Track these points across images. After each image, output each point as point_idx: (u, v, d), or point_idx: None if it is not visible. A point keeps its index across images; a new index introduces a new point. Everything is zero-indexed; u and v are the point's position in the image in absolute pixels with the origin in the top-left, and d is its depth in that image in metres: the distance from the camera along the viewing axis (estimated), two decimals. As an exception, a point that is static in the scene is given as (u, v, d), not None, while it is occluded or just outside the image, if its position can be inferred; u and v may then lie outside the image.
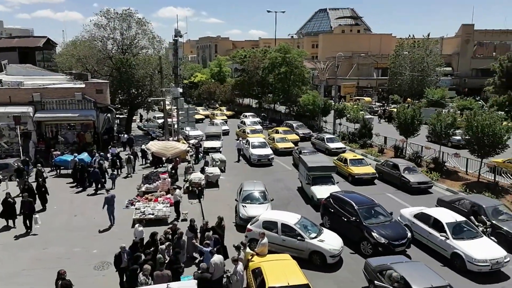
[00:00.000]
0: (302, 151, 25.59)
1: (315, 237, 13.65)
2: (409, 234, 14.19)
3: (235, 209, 17.68)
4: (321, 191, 18.50)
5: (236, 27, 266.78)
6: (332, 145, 29.93)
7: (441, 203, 17.42)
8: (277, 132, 34.68)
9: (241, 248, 12.00)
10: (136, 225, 13.94)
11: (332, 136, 32.04)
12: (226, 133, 37.47)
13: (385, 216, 15.09)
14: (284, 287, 10.13)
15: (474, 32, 72.08)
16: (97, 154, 23.85)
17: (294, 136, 33.96)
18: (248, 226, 14.40)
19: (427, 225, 14.43)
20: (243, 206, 16.67)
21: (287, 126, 37.53)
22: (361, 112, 36.02)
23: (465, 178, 22.74)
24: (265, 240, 12.56)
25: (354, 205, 15.16)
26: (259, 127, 38.59)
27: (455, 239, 13.36)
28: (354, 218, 14.76)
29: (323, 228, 14.76)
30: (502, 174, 21.52)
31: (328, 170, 20.09)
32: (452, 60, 71.99)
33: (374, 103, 59.96)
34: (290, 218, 14.40)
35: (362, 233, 14.25)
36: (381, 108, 52.25)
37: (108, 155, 25.24)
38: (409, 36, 67.02)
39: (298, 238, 13.51)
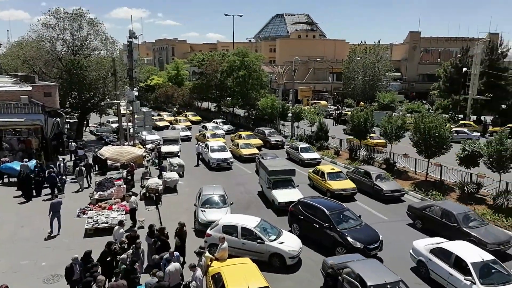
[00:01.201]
0: (264, 157, 25.12)
1: (275, 240, 13.75)
2: (381, 237, 14.25)
3: (194, 214, 17.44)
4: (282, 195, 18.60)
5: (193, 30, 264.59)
6: (306, 156, 28.09)
7: (411, 209, 17.44)
8: (240, 137, 33.85)
9: (202, 253, 11.87)
10: (116, 227, 13.85)
11: (306, 145, 30.10)
12: (188, 138, 36.61)
13: (355, 220, 15.19)
14: (244, 291, 10.11)
15: (421, 39, 76.57)
16: (38, 165, 22.01)
17: (257, 141, 33.06)
18: (208, 231, 14.23)
19: (447, 264, 12.07)
20: (202, 210, 16.46)
21: (258, 132, 35.91)
22: (317, 116, 36.91)
23: (414, 178, 24.02)
24: (225, 244, 12.50)
25: (326, 210, 15.03)
26: (220, 131, 38.20)
27: (483, 284, 10.97)
28: (327, 224, 14.62)
29: (282, 230, 14.85)
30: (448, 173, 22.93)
31: (288, 174, 20.06)
32: (401, 65, 75.95)
33: (329, 106, 61.79)
34: (250, 221, 14.40)
35: (336, 238, 14.19)
36: (336, 111, 53.97)
37: (60, 163, 23.39)
38: (361, 42, 70.05)
39: (258, 241, 13.55)
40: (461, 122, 43.19)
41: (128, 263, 11.02)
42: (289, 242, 13.82)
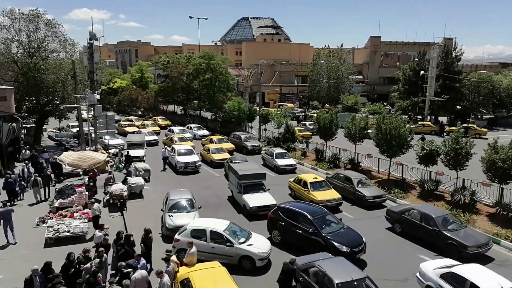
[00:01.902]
0: (233, 160, 24.67)
1: (244, 242, 13.69)
2: (364, 239, 14.16)
3: (161, 219, 17.07)
4: (254, 200, 18.31)
5: (157, 32, 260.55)
6: (280, 162, 26.67)
7: (390, 213, 17.29)
8: (211, 141, 32.59)
9: (169, 259, 11.62)
10: (96, 231, 13.86)
11: (282, 151, 28.58)
12: (155, 143, 35.46)
13: (337, 223, 14.96)
14: (213, 295, 10.00)
15: (381, 43, 79.55)
16: None
17: (229, 145, 31.88)
18: (176, 236, 13.93)
19: None
20: (169, 215, 16.11)
21: (234, 137, 34.37)
22: (284, 118, 37.27)
23: (377, 177, 24.82)
24: (194, 249, 12.30)
25: (308, 216, 14.64)
26: (188, 134, 37.68)
27: None
28: (311, 229, 14.26)
29: (252, 232, 14.81)
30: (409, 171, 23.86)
31: (259, 178, 19.72)
32: (363, 69, 78.50)
33: (296, 108, 62.71)
34: (219, 224, 14.25)
35: (322, 243, 13.84)
36: (302, 113, 54.85)
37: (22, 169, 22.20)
38: (325, 46, 71.62)
39: (227, 244, 13.44)
40: (420, 122, 45.18)
41: (91, 273, 10.60)
42: (258, 244, 13.80)
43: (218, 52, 70.34)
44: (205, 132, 39.85)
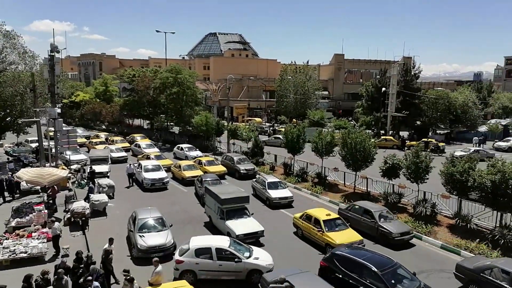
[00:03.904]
0: (204, 179, 22.93)
1: (250, 256, 13.63)
2: None
3: (126, 240, 16.43)
4: (239, 226, 16.71)
5: (123, 45, 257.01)
6: (274, 194, 22.36)
7: (462, 270, 13.71)
8: (200, 163, 29.54)
9: (134, 280, 11.22)
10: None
11: (275, 179, 24.27)
12: (123, 160, 33.63)
13: (411, 279, 12.06)
14: (181, 316, 9.70)
15: (345, 61, 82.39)
16: None
17: (220, 168, 28.83)
18: (179, 257, 13.35)
19: None
20: (140, 236, 15.30)
21: (226, 159, 30.97)
22: (253, 132, 37.43)
23: (344, 190, 25.35)
24: (159, 268, 11.95)
25: (376, 270, 11.83)
26: (154, 149, 36.70)
27: None
28: None
29: (251, 246, 14.65)
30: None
31: (242, 202, 18.06)
32: (328, 85, 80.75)
33: (264, 123, 63.26)
34: (222, 241, 14.07)
35: None
36: (270, 128, 55.38)
37: None
38: (292, 62, 73.23)
39: (236, 260, 13.24)
40: (382, 137, 46.84)
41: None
42: (263, 257, 13.90)
43: (185, 66, 70.10)
44: (198, 153, 35.12)
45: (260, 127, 54.53)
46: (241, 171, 28.73)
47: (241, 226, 16.78)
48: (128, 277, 11.26)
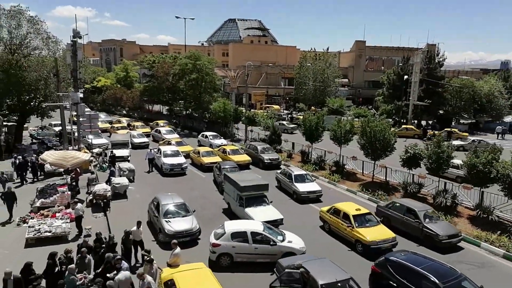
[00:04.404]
0: (222, 167, 22.92)
1: (283, 240, 13.99)
2: None
3: (148, 225, 16.63)
4: (258, 214, 16.64)
5: (143, 31, 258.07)
6: (302, 187, 21.19)
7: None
8: (224, 151, 28.78)
9: (153, 261, 11.53)
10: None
11: (302, 172, 23.31)
12: (145, 145, 33.41)
13: None
14: (198, 297, 9.94)
15: (366, 48, 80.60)
16: None
17: (244, 157, 28.04)
18: (215, 241, 13.72)
19: None
20: (166, 221, 15.46)
21: (250, 147, 30.06)
22: (271, 119, 37.34)
23: (361, 179, 25.12)
24: (178, 250, 12.25)
25: (437, 281, 10.56)
26: (175, 135, 36.92)
27: None
28: None
29: (282, 230, 14.91)
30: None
31: (261, 189, 18.02)
32: (348, 72, 79.36)
33: (282, 110, 62.96)
34: (256, 225, 14.39)
35: None
36: (288, 115, 55.09)
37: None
38: (311, 49, 72.18)
39: (271, 243, 13.63)
40: (403, 126, 45.96)
41: (76, 273, 10.43)
42: (296, 241, 14.24)
43: (204, 53, 70.08)
44: (223, 141, 34.43)
45: (278, 114, 54.33)
46: (265, 161, 27.89)
47: (260, 213, 16.73)
48: (148, 258, 11.57)
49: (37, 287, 9.65)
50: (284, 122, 35.96)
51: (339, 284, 10.86)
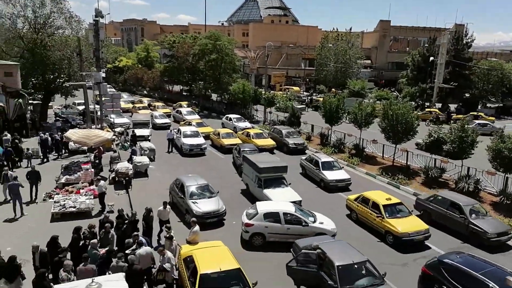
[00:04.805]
0: (242, 149, 22.74)
1: (315, 221, 14.21)
2: None
3: (171, 206, 16.43)
4: (276, 195, 16.68)
5: (163, 11, 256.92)
6: (330, 175, 20.19)
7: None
8: (248, 135, 28.08)
9: (173, 238, 11.86)
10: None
11: (329, 158, 22.17)
12: (166, 126, 32.85)
13: None
14: (216, 273, 10.19)
15: (391, 28, 78.01)
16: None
17: (268, 141, 27.17)
18: (248, 221, 14.04)
19: None
20: (193, 202, 15.55)
21: (274, 131, 29.31)
22: (290, 101, 37.03)
23: (381, 163, 24.80)
24: (196, 228, 12.53)
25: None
26: (195, 116, 37.08)
27: None
28: None
29: (313, 212, 15.05)
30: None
31: (280, 171, 18.07)
32: (371, 53, 77.28)
33: (302, 92, 62.25)
34: (288, 206, 14.61)
35: None
36: (308, 97, 54.47)
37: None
38: (333, 29, 70.43)
39: (303, 224, 13.90)
40: (427, 109, 44.76)
41: (98, 247, 10.83)
42: (327, 222, 14.48)
43: (224, 33, 69.55)
44: (247, 124, 33.53)
45: (297, 96, 53.78)
46: (290, 145, 26.99)
47: (279, 195, 16.73)
48: (168, 235, 11.89)
49: (63, 259, 10.08)
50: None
51: (355, 266, 10.92)
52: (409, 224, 14.52)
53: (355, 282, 10.52)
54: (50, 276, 10.50)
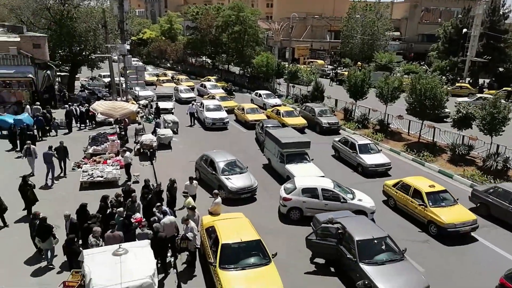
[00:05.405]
0: (265, 125, 22.41)
1: (353, 198, 14.18)
2: None
3: (200, 182, 16.35)
4: (299, 170, 16.54)
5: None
6: (369, 160, 18.66)
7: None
8: (277, 113, 26.69)
9: (196, 208, 12.17)
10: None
11: (366, 140, 20.64)
12: (191, 101, 30.83)
13: None
14: (236, 243, 10.46)
15: (422, -3, 74.20)
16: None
17: (299, 120, 25.77)
18: (286, 195, 14.19)
19: None
20: (227, 178, 15.53)
21: (306, 109, 27.71)
22: (314, 75, 36.26)
23: (407, 139, 24.26)
24: (219, 199, 12.83)
25: None
26: (219, 90, 36.68)
27: None
28: None
29: (352, 189, 14.97)
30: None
31: (302, 146, 17.93)
32: (401, 24, 74.06)
33: (326, 66, 60.87)
34: (327, 182, 14.62)
35: None
36: (333, 71, 53.25)
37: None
38: (362, -1, 67.58)
39: (342, 200, 13.88)
40: (457, 84, 43.01)
41: (124, 216, 11.27)
42: (366, 199, 14.34)
43: (248, 4, 68.00)
44: (277, 100, 32.52)
45: (321, 69, 52.64)
46: (323, 125, 25.47)
47: (301, 170, 16.60)
48: (191, 206, 12.22)
49: (91, 225, 10.54)
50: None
51: (375, 241, 10.96)
52: (455, 214, 13.35)
53: (374, 257, 10.59)
54: (80, 241, 11.10)
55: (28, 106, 24.22)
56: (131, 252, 8.55)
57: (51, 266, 10.84)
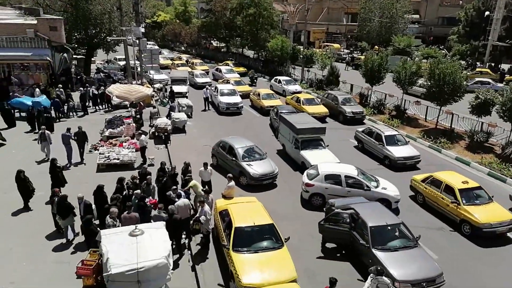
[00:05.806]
0: (280, 110, 21.94)
1: (377, 186, 13.97)
2: None
3: (216, 169, 16.50)
4: (314, 157, 16.30)
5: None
6: (397, 152, 17.59)
7: None
8: (297, 100, 25.79)
9: (210, 192, 12.32)
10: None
11: (392, 131, 19.47)
12: (208, 85, 30.13)
13: None
14: (250, 227, 10.57)
15: (444, -22, 71.58)
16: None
17: (321, 109, 24.82)
18: (309, 181, 14.13)
19: None
20: (248, 165, 15.41)
21: (328, 97, 26.45)
22: (329, 59, 35.63)
23: (424, 125, 23.83)
24: (232, 183, 12.92)
25: None
26: (235, 74, 36.08)
27: None
28: None
29: (377, 177, 14.71)
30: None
31: (318, 132, 17.63)
32: (420, 7, 71.77)
33: (342, 50, 59.76)
34: (350, 169, 14.39)
35: None
36: (349, 55, 52.29)
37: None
38: (381, -20, 65.54)
39: (365, 188, 13.67)
40: (477, 69, 41.77)
41: (139, 198, 11.48)
42: (390, 188, 14.10)
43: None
44: (297, 87, 31.47)
45: (337, 53, 51.73)
46: (347, 114, 24.18)
47: (316, 156, 16.41)
48: (205, 189, 12.36)
49: (112, 207, 10.76)
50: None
51: (388, 228, 10.92)
52: (490, 213, 12.44)
53: (388, 243, 10.57)
54: (97, 222, 11.38)
55: (37, 89, 24.26)
56: (147, 233, 8.73)
57: (71, 243, 11.17)
